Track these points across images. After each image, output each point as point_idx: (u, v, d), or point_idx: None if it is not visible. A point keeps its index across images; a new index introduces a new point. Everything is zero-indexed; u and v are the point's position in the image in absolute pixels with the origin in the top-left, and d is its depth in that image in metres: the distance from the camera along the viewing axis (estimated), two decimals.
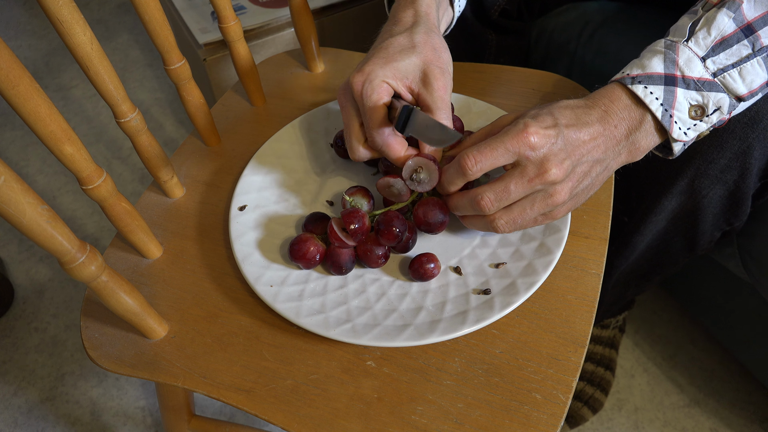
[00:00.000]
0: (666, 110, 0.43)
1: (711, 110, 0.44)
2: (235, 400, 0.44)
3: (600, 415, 0.89)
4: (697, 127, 0.44)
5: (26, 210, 0.34)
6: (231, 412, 0.92)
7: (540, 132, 0.41)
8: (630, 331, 0.98)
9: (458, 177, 0.44)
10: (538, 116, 0.43)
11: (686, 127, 0.44)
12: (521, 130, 0.41)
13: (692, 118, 0.44)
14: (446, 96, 0.47)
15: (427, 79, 0.46)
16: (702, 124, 0.44)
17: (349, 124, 0.49)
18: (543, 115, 0.43)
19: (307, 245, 0.48)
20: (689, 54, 0.43)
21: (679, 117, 0.44)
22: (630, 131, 0.45)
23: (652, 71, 0.44)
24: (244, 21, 1.01)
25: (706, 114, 0.44)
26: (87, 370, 0.98)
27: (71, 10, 0.41)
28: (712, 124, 0.44)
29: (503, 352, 0.44)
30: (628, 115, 0.45)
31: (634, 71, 0.45)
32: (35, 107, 0.37)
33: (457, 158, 0.44)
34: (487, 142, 0.42)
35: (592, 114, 0.44)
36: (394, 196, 0.49)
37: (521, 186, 0.42)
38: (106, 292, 0.42)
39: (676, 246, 0.67)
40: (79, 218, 1.21)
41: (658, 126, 0.45)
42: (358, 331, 0.44)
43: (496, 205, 0.43)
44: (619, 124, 0.45)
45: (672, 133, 0.44)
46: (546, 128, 0.42)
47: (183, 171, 0.61)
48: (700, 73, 0.43)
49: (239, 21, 0.60)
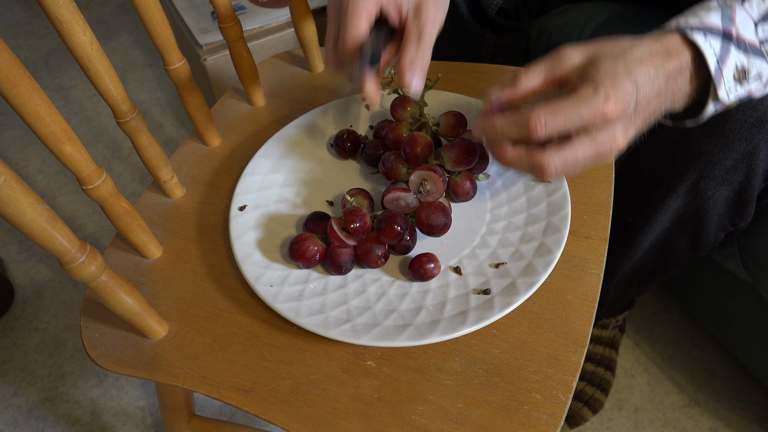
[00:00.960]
0: (719, 66, 0.42)
1: (752, 76, 0.42)
2: (235, 400, 0.44)
3: (600, 415, 0.89)
4: (738, 92, 0.43)
5: (26, 210, 0.34)
6: (231, 412, 0.92)
7: (619, 105, 0.39)
8: (630, 331, 0.98)
9: (517, 133, 0.41)
10: (616, 80, 0.40)
11: (729, 87, 0.42)
12: (601, 102, 0.39)
13: (735, 80, 0.42)
14: (430, 27, 0.46)
15: (419, 8, 0.46)
16: (741, 89, 0.43)
17: (329, 34, 0.49)
18: (622, 79, 0.40)
19: (306, 244, 0.48)
20: (745, 15, 0.42)
21: (727, 76, 0.42)
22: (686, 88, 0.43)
23: (710, 24, 0.42)
24: (244, 21, 1.01)
25: (746, 79, 0.42)
26: (87, 370, 0.98)
27: (71, 10, 0.41)
28: (748, 92, 0.43)
29: (503, 352, 0.44)
30: (687, 69, 0.42)
31: (690, 21, 0.42)
32: (35, 107, 0.37)
33: (525, 115, 0.40)
34: (562, 109, 0.39)
35: (667, 68, 0.42)
36: (402, 209, 0.49)
37: (588, 154, 0.41)
38: (106, 292, 0.42)
39: (679, 246, 0.67)
40: (79, 218, 1.21)
41: (699, 84, 0.43)
42: (358, 331, 0.44)
43: (560, 170, 0.41)
44: (679, 79, 0.42)
45: (719, 91, 0.42)
46: (625, 99, 0.39)
47: (183, 171, 0.61)
48: (751, 37, 0.42)
49: (239, 21, 0.60)
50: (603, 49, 0.42)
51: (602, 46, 0.42)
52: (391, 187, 0.51)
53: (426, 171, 0.48)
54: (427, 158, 0.50)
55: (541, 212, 0.51)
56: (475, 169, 0.54)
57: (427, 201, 0.48)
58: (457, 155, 0.50)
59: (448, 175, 0.52)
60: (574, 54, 0.42)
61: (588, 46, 0.42)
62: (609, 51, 0.41)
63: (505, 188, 0.54)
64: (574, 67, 0.42)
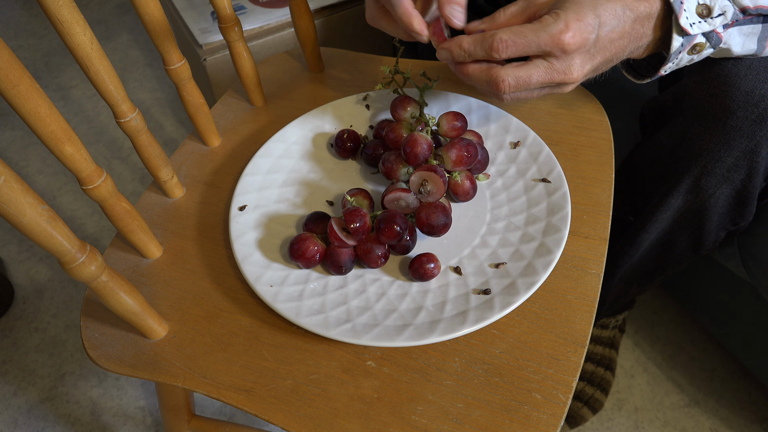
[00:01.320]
0: None
1: (716, 13, 0.45)
2: (235, 400, 0.44)
3: (600, 415, 0.89)
4: (701, 26, 0.45)
5: (26, 210, 0.34)
6: (231, 412, 0.92)
7: (578, 36, 0.42)
8: (630, 331, 0.98)
9: (481, 53, 0.44)
10: (579, 12, 0.42)
11: (692, 20, 0.45)
12: (560, 32, 0.42)
13: (698, 15, 0.45)
14: None
15: None
16: (705, 24, 0.45)
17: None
18: (585, 12, 0.42)
19: (306, 244, 0.48)
20: None
21: (688, 7, 0.44)
22: (649, 29, 0.45)
23: None
24: (244, 21, 1.01)
25: (711, 15, 0.45)
26: (87, 370, 0.98)
27: (71, 10, 0.41)
28: (713, 28, 0.45)
29: (503, 352, 0.44)
30: (655, 15, 0.45)
31: None
32: (35, 107, 0.37)
33: (488, 36, 0.43)
34: (522, 32, 0.42)
35: (636, 10, 0.44)
36: (402, 209, 0.49)
37: (542, 79, 0.44)
38: (106, 292, 0.42)
39: (680, 245, 0.67)
40: (79, 218, 1.21)
41: (665, 32, 0.45)
42: (358, 331, 0.44)
43: (514, 93, 0.45)
44: (646, 24, 0.45)
45: (680, 19, 0.44)
46: (585, 32, 0.42)
47: (183, 171, 0.61)
48: None
49: (239, 21, 0.60)
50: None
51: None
52: (391, 187, 0.51)
53: (426, 171, 0.48)
54: (427, 158, 0.50)
55: (541, 212, 0.51)
56: (475, 169, 0.54)
57: (427, 201, 0.48)
58: (457, 155, 0.50)
59: (448, 175, 0.52)
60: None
61: None
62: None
63: (505, 188, 0.54)
64: (546, 2, 0.45)
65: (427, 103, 0.56)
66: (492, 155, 0.57)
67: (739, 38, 0.48)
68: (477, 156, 0.50)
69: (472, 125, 0.60)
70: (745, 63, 0.51)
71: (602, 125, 0.60)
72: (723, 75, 0.52)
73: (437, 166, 0.49)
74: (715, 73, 0.53)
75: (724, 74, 0.52)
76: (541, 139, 0.56)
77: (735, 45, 0.48)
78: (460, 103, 0.61)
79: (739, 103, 0.51)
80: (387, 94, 0.63)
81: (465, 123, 0.54)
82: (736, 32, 0.47)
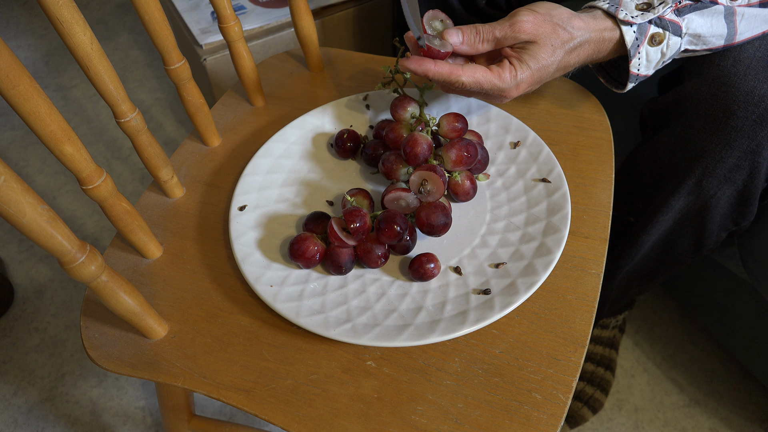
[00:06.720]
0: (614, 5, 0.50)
1: (657, 2, 0.49)
2: (235, 400, 0.44)
3: (600, 415, 0.89)
4: (644, 16, 0.49)
5: (26, 210, 0.34)
6: (231, 412, 0.92)
7: (525, 90, 0.51)
8: (630, 331, 0.98)
9: (442, 84, 0.50)
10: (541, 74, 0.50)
11: (632, 15, 0.49)
12: (513, 90, 0.50)
13: (640, 10, 0.49)
14: None
15: None
16: (649, 13, 0.49)
17: None
18: (546, 73, 0.50)
19: (306, 244, 0.48)
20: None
21: (626, 5, 0.49)
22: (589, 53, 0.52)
23: None
24: (244, 21, 1.01)
25: (652, 7, 0.49)
26: (87, 370, 0.98)
27: (71, 10, 0.41)
28: (662, 16, 0.49)
29: (503, 352, 0.44)
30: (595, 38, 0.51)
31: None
32: (35, 107, 0.37)
33: (454, 77, 0.48)
34: (482, 80, 0.49)
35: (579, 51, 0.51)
36: (402, 209, 0.49)
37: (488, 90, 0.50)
38: (106, 292, 0.42)
39: (682, 246, 0.67)
40: (79, 218, 1.21)
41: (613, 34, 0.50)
42: (358, 331, 0.44)
43: (465, 94, 0.52)
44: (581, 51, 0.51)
45: (618, 16, 0.49)
46: (536, 84, 0.51)
47: (183, 171, 0.61)
48: None
49: (239, 21, 0.60)
50: (549, 34, 0.49)
51: (552, 29, 0.49)
52: (391, 187, 0.51)
53: (426, 171, 0.48)
54: (427, 158, 0.50)
55: (541, 212, 0.51)
56: (475, 169, 0.54)
57: (427, 201, 0.48)
58: (457, 155, 0.50)
59: (448, 175, 0.52)
60: (526, 26, 0.49)
61: (539, 24, 0.49)
62: (553, 40, 0.49)
63: (505, 188, 0.54)
64: (519, 41, 0.49)
65: (427, 103, 0.56)
66: (492, 155, 0.57)
67: (702, 20, 0.50)
68: (477, 156, 0.50)
69: (472, 125, 0.60)
70: (744, 63, 0.51)
71: (602, 125, 0.60)
72: (723, 76, 0.52)
73: (437, 166, 0.49)
74: (714, 74, 0.53)
75: (724, 75, 0.52)
76: (541, 139, 0.56)
77: (701, 27, 0.50)
78: (460, 103, 0.61)
79: (739, 103, 0.51)
80: (387, 94, 0.63)
81: (465, 124, 0.54)
82: (695, 16, 0.49)
